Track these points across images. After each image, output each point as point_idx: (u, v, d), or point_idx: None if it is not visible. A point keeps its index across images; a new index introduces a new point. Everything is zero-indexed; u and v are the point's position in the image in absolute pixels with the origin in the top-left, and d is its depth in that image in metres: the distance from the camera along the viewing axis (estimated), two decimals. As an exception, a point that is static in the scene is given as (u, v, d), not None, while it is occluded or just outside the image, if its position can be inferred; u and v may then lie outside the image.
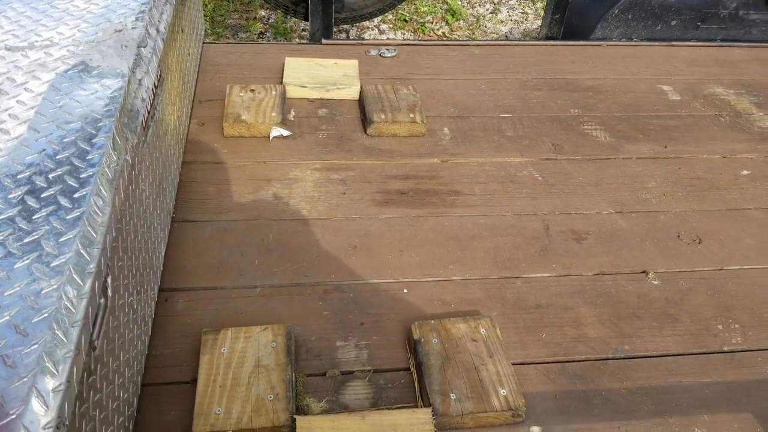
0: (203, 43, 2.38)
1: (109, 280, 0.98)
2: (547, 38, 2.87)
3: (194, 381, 1.26)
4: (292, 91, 2.16)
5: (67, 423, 0.74)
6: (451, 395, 1.26)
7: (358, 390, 1.31)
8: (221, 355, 1.28)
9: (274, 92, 2.10)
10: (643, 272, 1.63)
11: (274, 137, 1.97)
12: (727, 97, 2.35)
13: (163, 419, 1.22)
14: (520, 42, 2.78)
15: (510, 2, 4.60)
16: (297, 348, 1.37)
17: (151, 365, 1.29)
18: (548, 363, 1.40)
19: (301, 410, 1.24)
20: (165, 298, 1.45)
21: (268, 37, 4.07)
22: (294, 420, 1.19)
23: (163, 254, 1.48)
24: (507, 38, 4.20)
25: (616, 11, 2.70)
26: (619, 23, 2.74)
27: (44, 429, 0.70)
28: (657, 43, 2.68)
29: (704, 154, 2.07)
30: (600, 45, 2.64)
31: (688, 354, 1.44)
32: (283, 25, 4.18)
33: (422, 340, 1.36)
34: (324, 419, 1.20)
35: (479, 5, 4.55)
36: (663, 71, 2.49)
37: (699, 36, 2.82)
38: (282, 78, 2.21)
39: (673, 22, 2.75)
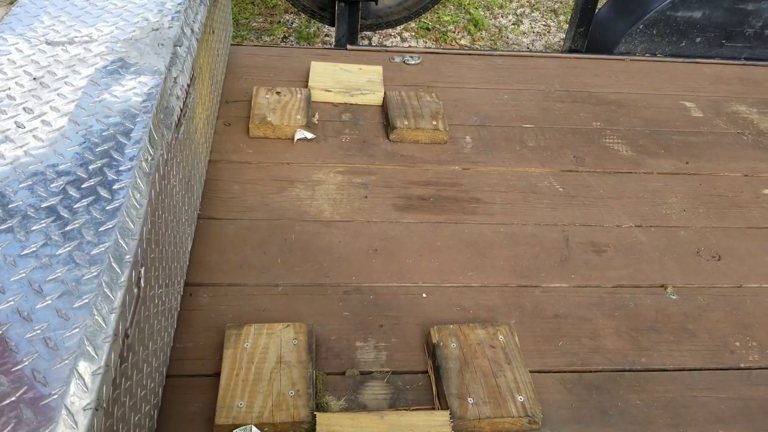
0: (230, 44, 2.42)
1: (142, 270, 1.01)
2: (571, 51, 2.89)
3: (217, 374, 1.29)
4: (317, 95, 2.20)
5: (104, 405, 0.76)
6: (469, 399, 1.27)
7: (377, 390, 1.33)
8: (244, 350, 1.31)
9: (299, 95, 2.13)
10: (662, 286, 1.63)
11: (298, 139, 2.00)
12: (750, 116, 2.36)
13: (186, 410, 1.24)
14: (543, 54, 2.80)
15: (532, 14, 4.62)
16: (317, 346, 1.39)
17: (175, 357, 1.32)
18: (565, 372, 1.41)
19: (321, 408, 1.26)
20: (190, 292, 1.47)
21: (291, 42, 4.12)
22: (314, 416, 1.21)
23: (189, 249, 1.51)
24: (529, 50, 4.22)
25: (641, 26, 2.72)
26: (644, 38, 2.76)
27: (84, 410, 0.72)
28: (681, 60, 2.69)
29: (726, 171, 2.07)
30: (624, 60, 2.65)
31: (705, 369, 1.44)
32: (307, 29, 4.23)
33: (441, 344, 1.38)
34: (343, 417, 1.22)
35: (502, 16, 4.57)
36: (686, 88, 2.49)
37: (723, 54, 2.82)
38: (307, 81, 2.24)
39: (698, 40, 2.76)
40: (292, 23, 4.29)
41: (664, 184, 1.99)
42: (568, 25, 3.04)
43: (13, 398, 0.72)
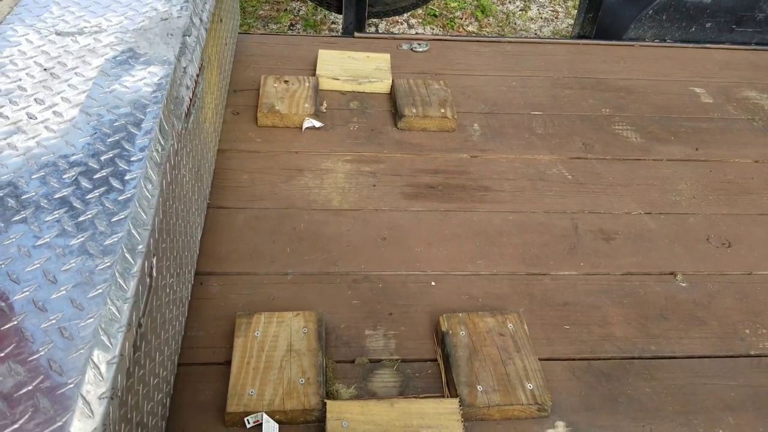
0: (238, 33, 2.42)
1: (154, 260, 1.01)
2: (580, 37, 2.87)
3: (227, 363, 1.30)
4: (325, 83, 2.19)
5: (119, 394, 0.78)
6: (478, 387, 1.28)
7: (386, 378, 1.34)
8: (255, 338, 1.32)
9: (307, 84, 2.13)
10: (672, 274, 1.63)
11: (306, 128, 2.00)
12: (760, 101, 2.34)
13: (197, 398, 1.26)
14: (552, 40, 2.78)
15: (540, 0, 4.58)
16: (327, 335, 1.40)
17: (186, 346, 1.33)
18: (574, 360, 1.41)
19: (331, 395, 1.27)
20: (200, 281, 1.48)
21: (298, 29, 4.10)
22: (324, 404, 1.22)
23: (199, 239, 1.52)
24: (537, 36, 4.19)
25: (650, 12, 2.69)
26: (653, 24, 2.73)
27: (100, 399, 0.74)
28: (690, 45, 2.67)
29: (736, 158, 2.06)
30: (633, 45, 2.63)
31: (715, 357, 1.44)
32: (313, 17, 4.21)
33: (450, 332, 1.38)
34: (353, 404, 1.23)
35: (509, 2, 4.53)
36: (696, 73, 2.47)
37: (733, 39, 2.79)
38: (315, 70, 2.24)
39: (708, 25, 2.73)
40: (298, 11, 4.27)
41: (673, 170, 1.98)
42: (576, 11, 3.02)
43: (30, 387, 0.73)
